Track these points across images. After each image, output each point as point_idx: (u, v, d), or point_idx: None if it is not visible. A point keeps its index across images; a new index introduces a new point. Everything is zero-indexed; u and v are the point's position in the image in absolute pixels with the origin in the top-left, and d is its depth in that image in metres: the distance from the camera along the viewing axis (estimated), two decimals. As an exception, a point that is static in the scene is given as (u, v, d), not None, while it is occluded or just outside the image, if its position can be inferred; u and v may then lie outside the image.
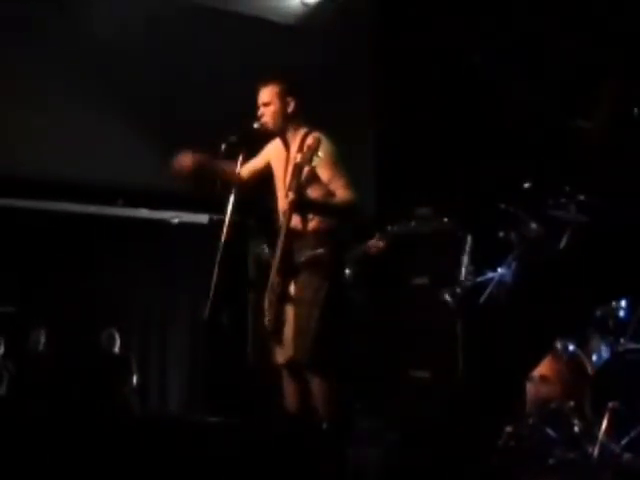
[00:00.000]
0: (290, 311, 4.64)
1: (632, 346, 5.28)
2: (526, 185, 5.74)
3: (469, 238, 5.82)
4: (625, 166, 4.88)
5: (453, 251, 7.09)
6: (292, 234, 4.63)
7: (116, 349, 8.82)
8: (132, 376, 8.76)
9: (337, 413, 4.65)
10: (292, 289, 4.65)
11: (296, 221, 4.64)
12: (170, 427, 4.21)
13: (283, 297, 4.65)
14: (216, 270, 4.49)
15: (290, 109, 4.76)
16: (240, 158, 4.70)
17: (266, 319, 4.72)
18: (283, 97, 4.77)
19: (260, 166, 4.93)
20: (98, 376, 8.50)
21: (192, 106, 7.76)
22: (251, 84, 4.91)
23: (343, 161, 4.73)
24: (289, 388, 4.79)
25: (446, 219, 7.06)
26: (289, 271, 4.65)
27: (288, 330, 4.63)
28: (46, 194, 8.02)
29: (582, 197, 5.39)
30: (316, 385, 4.62)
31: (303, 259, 4.65)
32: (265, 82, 4.82)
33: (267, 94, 4.79)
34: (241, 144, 4.72)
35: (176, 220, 9.23)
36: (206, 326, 4.61)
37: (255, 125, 4.75)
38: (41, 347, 8.52)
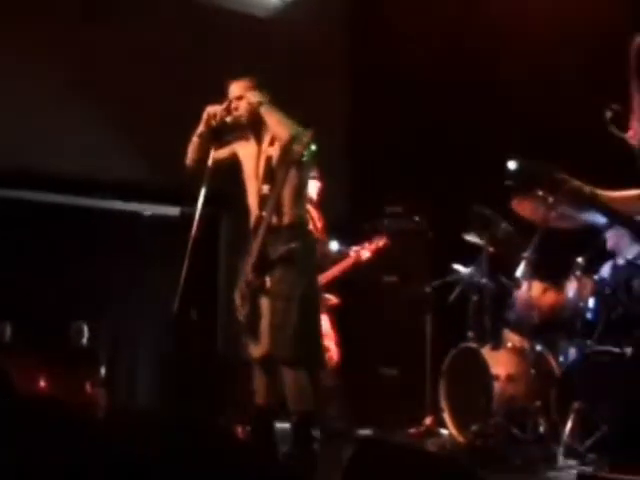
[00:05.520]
0: (265, 306, 4.65)
1: (599, 348, 5.31)
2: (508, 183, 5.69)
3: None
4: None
5: (423, 249, 7.13)
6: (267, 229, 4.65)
7: (84, 342, 8.78)
8: (99, 369, 8.72)
9: (308, 407, 4.67)
10: (267, 284, 4.65)
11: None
12: (138, 421, 4.17)
13: (258, 292, 4.65)
14: (186, 264, 4.48)
15: (262, 103, 4.77)
16: (212, 151, 4.71)
17: (240, 314, 4.72)
18: (255, 91, 4.79)
19: (223, 156, 4.91)
20: (65, 368, 8.45)
21: (165, 99, 7.73)
22: (226, 77, 4.92)
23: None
24: (260, 382, 4.80)
25: (417, 218, 7.08)
26: (263, 266, 4.65)
27: (264, 325, 4.63)
28: (17, 184, 7.97)
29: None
30: (290, 379, 4.63)
31: (278, 254, 4.66)
32: (236, 77, 4.86)
33: (239, 88, 4.82)
34: (212, 137, 4.73)
35: (148, 212, 9.19)
36: (175, 320, 4.60)
37: (227, 119, 4.76)
38: (7, 339, 8.46)
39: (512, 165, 5.28)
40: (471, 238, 6.26)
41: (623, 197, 4.12)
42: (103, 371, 8.75)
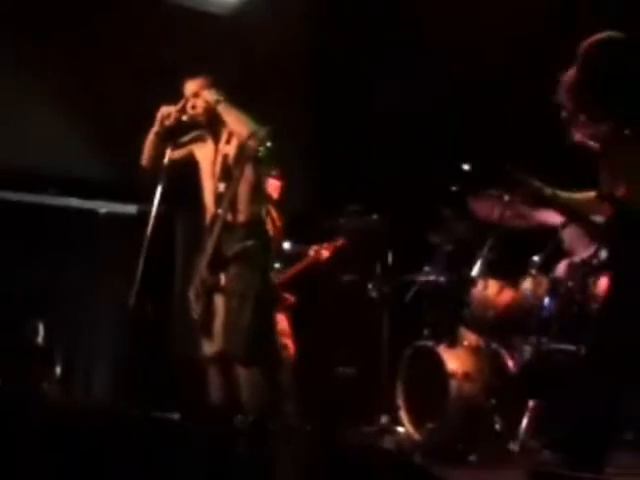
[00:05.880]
0: (220, 304, 4.64)
1: (554, 346, 5.35)
2: (454, 188, 5.78)
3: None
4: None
5: (381, 248, 7.13)
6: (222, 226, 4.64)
7: (39, 341, 8.69)
8: (55, 368, 8.64)
9: (263, 405, 4.67)
10: (222, 282, 4.64)
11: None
12: (93, 418, 4.14)
13: (213, 290, 4.64)
14: (142, 261, 4.46)
15: (220, 101, 4.75)
16: (168, 150, 4.70)
17: (194, 312, 4.71)
18: (212, 89, 4.79)
19: (179, 156, 4.89)
20: (20, 368, 8.37)
21: (122, 96, 7.68)
22: (183, 75, 4.91)
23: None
24: (215, 380, 4.79)
25: (376, 216, 7.08)
26: (218, 264, 4.64)
27: (218, 323, 4.63)
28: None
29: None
30: (244, 378, 4.62)
31: (233, 251, 4.65)
32: (194, 74, 4.86)
33: (196, 86, 4.81)
34: (168, 136, 4.72)
35: (104, 210, 9.12)
36: (131, 317, 4.57)
37: (184, 117, 4.75)
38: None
39: (467, 166, 5.32)
40: (432, 237, 6.30)
41: (581, 198, 4.16)
42: (59, 370, 8.67)
